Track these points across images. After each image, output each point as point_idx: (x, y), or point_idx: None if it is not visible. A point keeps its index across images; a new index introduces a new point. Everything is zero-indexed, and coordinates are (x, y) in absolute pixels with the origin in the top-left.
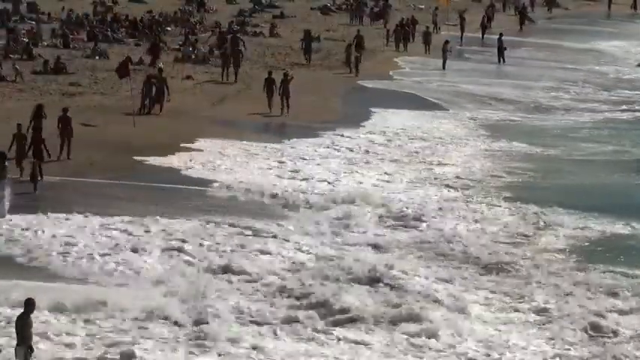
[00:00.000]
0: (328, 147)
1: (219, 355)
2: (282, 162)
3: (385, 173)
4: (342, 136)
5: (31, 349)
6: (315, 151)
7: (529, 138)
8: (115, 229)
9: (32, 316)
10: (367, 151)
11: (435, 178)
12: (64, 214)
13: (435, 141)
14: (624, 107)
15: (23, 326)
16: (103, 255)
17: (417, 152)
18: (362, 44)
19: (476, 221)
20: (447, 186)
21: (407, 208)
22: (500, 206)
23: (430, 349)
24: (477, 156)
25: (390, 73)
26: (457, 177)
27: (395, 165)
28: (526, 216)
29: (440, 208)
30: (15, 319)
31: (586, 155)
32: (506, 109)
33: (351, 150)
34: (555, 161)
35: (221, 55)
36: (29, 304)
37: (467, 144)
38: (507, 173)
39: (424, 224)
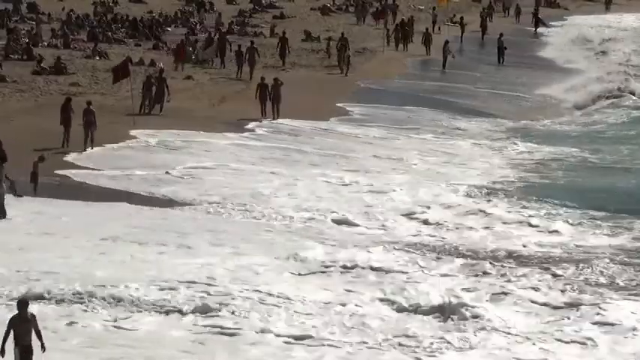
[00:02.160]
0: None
1: None
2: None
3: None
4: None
5: (30, 350)
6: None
7: (546, 140)
8: None
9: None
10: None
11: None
12: None
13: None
14: None
15: (18, 326)
16: None
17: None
18: (346, 46)
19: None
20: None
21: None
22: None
23: None
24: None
25: (390, 73)
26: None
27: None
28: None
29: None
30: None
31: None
32: (515, 108)
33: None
34: (575, 164)
35: (235, 54)
36: (22, 304)
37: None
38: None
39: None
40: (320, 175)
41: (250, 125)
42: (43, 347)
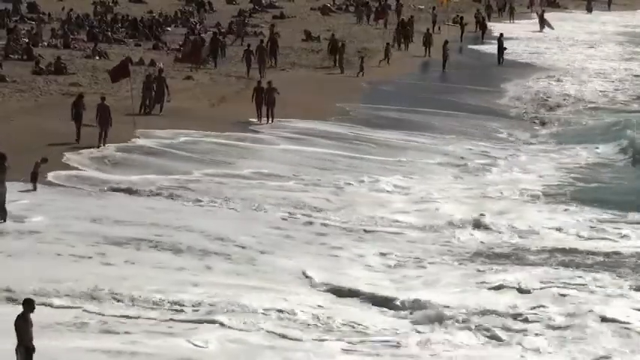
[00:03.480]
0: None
1: None
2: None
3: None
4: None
5: (33, 349)
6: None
7: (584, 139)
8: None
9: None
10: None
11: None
12: None
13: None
14: None
15: (22, 326)
16: None
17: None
18: (336, 48)
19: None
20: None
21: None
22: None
23: None
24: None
25: (390, 73)
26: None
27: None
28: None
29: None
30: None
31: None
32: (537, 109)
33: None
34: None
35: (244, 53)
36: (28, 304)
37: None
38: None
39: None
40: (375, 182)
41: (254, 127)
42: (33, 349)
